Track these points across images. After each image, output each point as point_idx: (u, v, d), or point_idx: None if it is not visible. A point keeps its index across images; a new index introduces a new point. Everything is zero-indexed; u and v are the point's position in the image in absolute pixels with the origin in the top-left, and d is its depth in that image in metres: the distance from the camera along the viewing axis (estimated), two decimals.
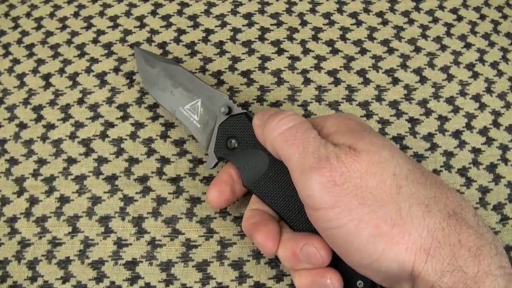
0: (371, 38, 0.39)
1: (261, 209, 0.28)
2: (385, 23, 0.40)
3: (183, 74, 0.33)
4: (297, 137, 0.24)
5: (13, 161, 0.35)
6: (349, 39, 0.39)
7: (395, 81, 0.37)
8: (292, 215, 0.27)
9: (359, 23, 0.39)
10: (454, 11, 0.40)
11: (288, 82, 0.37)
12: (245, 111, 0.30)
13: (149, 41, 0.38)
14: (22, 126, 0.36)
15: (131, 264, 0.31)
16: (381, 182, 0.22)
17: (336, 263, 0.25)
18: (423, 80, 0.37)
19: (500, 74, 0.38)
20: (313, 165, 0.23)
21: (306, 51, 0.38)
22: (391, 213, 0.22)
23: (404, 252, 0.21)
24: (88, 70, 0.37)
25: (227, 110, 0.30)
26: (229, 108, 0.30)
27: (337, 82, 0.37)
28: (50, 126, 0.36)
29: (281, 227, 0.27)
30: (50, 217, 0.33)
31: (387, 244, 0.22)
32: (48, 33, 0.39)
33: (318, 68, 0.37)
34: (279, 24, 0.39)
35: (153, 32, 0.39)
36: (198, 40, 0.38)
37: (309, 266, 0.25)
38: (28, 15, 0.41)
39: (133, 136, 0.35)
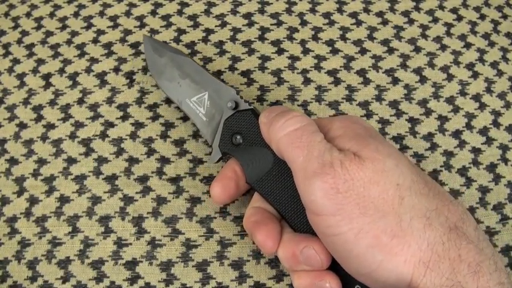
0: (371, 37, 0.39)
1: (263, 207, 0.28)
2: (385, 22, 0.40)
3: (191, 65, 0.32)
4: (302, 139, 0.24)
5: (13, 161, 0.35)
6: (349, 39, 0.39)
7: (395, 81, 0.37)
8: (294, 216, 0.27)
9: (359, 23, 0.39)
10: (454, 10, 0.40)
11: (288, 82, 0.37)
12: (252, 107, 0.29)
13: None
14: (22, 126, 0.36)
15: (131, 264, 0.31)
16: (384, 191, 0.22)
17: (335, 266, 0.25)
18: (423, 79, 0.37)
19: (500, 73, 0.38)
20: (317, 170, 0.23)
21: (306, 51, 0.38)
22: (392, 224, 0.22)
23: (403, 264, 0.21)
24: (88, 70, 0.37)
25: (234, 105, 0.29)
26: (236, 103, 0.29)
27: (337, 82, 0.37)
28: (50, 126, 0.36)
29: (282, 226, 0.27)
30: (50, 217, 0.33)
31: (386, 255, 0.21)
32: (48, 33, 0.39)
33: (318, 67, 0.37)
34: (279, 24, 0.39)
35: (153, 31, 0.39)
36: (198, 40, 0.38)
37: (309, 268, 0.25)
38: (28, 15, 0.41)
39: (133, 136, 0.35)
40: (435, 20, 0.40)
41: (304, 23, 0.39)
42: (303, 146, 0.24)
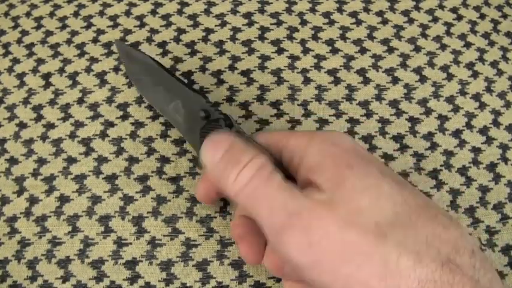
0: (371, 37, 0.39)
1: (248, 215, 0.27)
2: (385, 22, 0.40)
3: (160, 72, 0.30)
4: (259, 192, 0.22)
5: (13, 161, 0.35)
6: (349, 39, 0.39)
7: (395, 80, 0.37)
8: None
9: (359, 22, 0.39)
10: (453, 10, 0.40)
11: (288, 81, 0.37)
12: (223, 116, 0.28)
13: (149, 40, 0.38)
14: (22, 125, 0.36)
15: (131, 264, 0.31)
16: (362, 233, 0.20)
17: None
18: (423, 79, 0.37)
19: (500, 73, 0.38)
20: (284, 223, 0.21)
21: (306, 51, 0.38)
22: (378, 267, 0.20)
23: None
24: (88, 69, 0.37)
25: (204, 115, 0.28)
26: (207, 113, 0.28)
27: (337, 81, 0.37)
28: (50, 126, 0.36)
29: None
30: (50, 216, 0.33)
31: None
32: (48, 33, 0.39)
33: (317, 67, 0.37)
34: (279, 23, 0.39)
35: (153, 31, 0.39)
36: (198, 39, 0.38)
37: (297, 278, 0.25)
38: (28, 14, 0.41)
39: (133, 135, 0.35)
40: (435, 20, 0.40)
41: (304, 22, 0.39)
42: (262, 199, 0.22)
